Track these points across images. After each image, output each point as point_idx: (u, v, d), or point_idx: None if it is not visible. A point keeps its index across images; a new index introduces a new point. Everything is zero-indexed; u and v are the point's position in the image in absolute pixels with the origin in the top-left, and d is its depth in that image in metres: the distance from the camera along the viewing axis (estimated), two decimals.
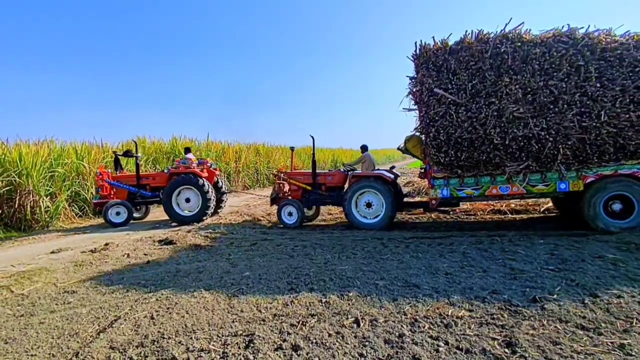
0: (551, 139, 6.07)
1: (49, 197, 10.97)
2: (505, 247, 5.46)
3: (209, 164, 10.51)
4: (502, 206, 9.03)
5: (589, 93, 5.88)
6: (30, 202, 10.59)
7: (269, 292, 4.10)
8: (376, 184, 7.75)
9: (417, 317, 3.14)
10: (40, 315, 3.80)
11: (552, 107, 6.04)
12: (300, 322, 3.20)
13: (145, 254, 6.28)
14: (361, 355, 2.65)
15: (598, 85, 5.84)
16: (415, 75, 6.83)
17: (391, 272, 4.48)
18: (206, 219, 9.82)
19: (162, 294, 4.21)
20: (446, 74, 6.48)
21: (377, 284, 4.06)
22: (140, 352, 2.88)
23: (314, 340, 2.86)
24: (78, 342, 3.16)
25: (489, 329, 2.96)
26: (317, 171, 8.99)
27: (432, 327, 2.99)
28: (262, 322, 3.30)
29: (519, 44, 6.09)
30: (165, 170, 10.54)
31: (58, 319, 3.65)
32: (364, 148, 9.14)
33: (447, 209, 8.28)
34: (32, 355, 2.96)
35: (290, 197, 9.06)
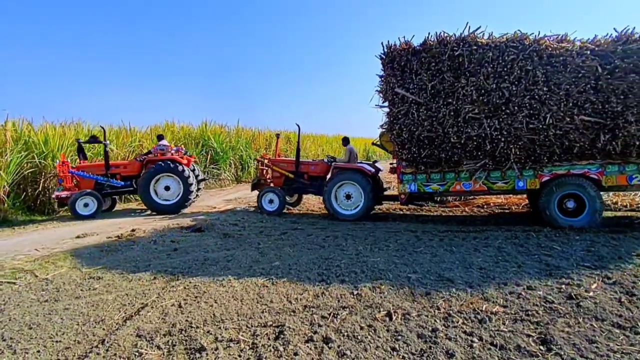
0: (503, 139, 6.35)
1: None
2: (541, 242, 5.35)
3: (183, 151, 10.16)
4: None
5: (537, 96, 6.13)
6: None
7: (299, 282, 3.99)
8: (356, 177, 7.99)
9: (451, 311, 3.02)
10: (64, 301, 3.84)
11: (504, 108, 6.31)
12: (332, 315, 3.07)
13: (172, 241, 6.30)
14: (394, 349, 2.51)
15: (545, 89, 6.09)
16: (383, 74, 7.13)
17: (424, 265, 4.31)
18: (188, 206, 9.67)
19: (190, 282, 4.19)
20: (409, 73, 6.78)
21: (410, 277, 3.89)
22: (168, 341, 2.83)
23: (346, 333, 2.73)
24: (104, 329, 3.15)
25: (523, 325, 2.88)
26: (300, 160, 9.26)
27: (465, 322, 2.89)
28: (292, 313, 3.19)
29: (475, 47, 6.34)
30: (138, 159, 10.09)
31: (83, 305, 3.67)
32: (346, 141, 9.28)
33: (421, 202, 8.43)
34: (57, 341, 2.96)
35: (272, 184, 9.34)
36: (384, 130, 7.55)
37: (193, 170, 10.03)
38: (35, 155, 10.19)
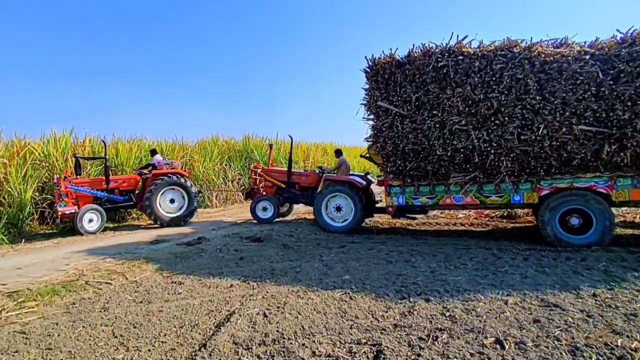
0: (493, 150, 6.20)
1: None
2: None
3: (176, 164, 10.45)
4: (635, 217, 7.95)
5: (530, 106, 5.91)
6: None
7: (379, 299, 3.95)
8: (347, 189, 8.14)
9: (577, 344, 2.74)
10: (156, 303, 4.06)
11: (493, 119, 6.16)
12: (430, 337, 2.99)
13: (236, 250, 6.51)
14: None
15: (539, 98, 5.84)
16: (367, 87, 7.25)
17: (517, 287, 4.07)
18: (190, 219, 9.96)
19: (267, 292, 4.28)
20: (393, 86, 6.84)
21: (505, 300, 3.70)
22: (266, 351, 2.89)
23: (455, 359, 2.64)
24: (199, 333, 3.28)
25: None
26: (292, 170, 9.69)
27: (600, 358, 2.59)
28: (383, 331, 3.15)
29: (461, 57, 6.25)
30: (135, 172, 10.39)
31: (174, 309, 3.86)
32: (339, 153, 9.57)
33: (414, 216, 8.45)
34: (162, 342, 3.13)
35: (264, 193, 9.73)
36: (370, 142, 7.60)
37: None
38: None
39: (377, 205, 8.90)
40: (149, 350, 3.00)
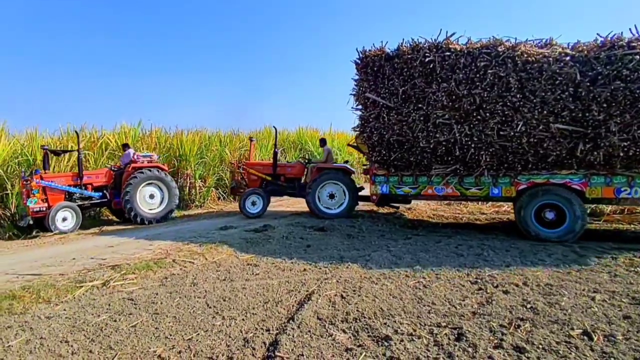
0: (473, 145, 6.61)
1: (200, 180, 13.12)
2: None
3: (155, 157, 9.93)
4: None
5: (510, 103, 6.26)
6: (189, 184, 12.87)
7: (454, 288, 4.13)
8: (340, 176, 8.81)
9: None
10: (238, 281, 4.55)
11: (475, 114, 6.54)
12: (511, 325, 3.15)
13: (301, 238, 6.93)
14: None
15: (519, 96, 6.18)
16: (357, 79, 7.65)
17: (604, 285, 4.05)
18: (171, 215, 9.74)
19: (340, 277, 4.62)
20: (382, 79, 7.25)
21: (592, 296, 3.72)
22: (350, 327, 3.22)
23: (540, 346, 2.79)
24: (284, 309, 3.69)
25: None
26: (277, 162, 9.93)
27: None
28: (461, 317, 3.35)
29: (448, 53, 6.63)
30: (109, 167, 9.98)
31: (256, 287, 4.32)
32: (324, 142, 10.14)
33: (397, 205, 9.07)
34: (252, 313, 3.58)
35: (249, 187, 9.88)
36: (357, 132, 8.04)
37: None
38: (174, 157, 12.55)
39: (359, 193, 9.26)
40: (243, 319, 3.45)
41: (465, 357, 2.69)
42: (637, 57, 5.60)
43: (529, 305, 3.55)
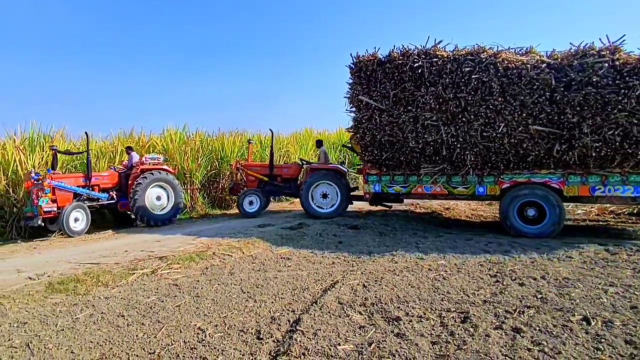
0: (459, 145, 7.27)
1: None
2: None
3: (161, 159, 10.18)
4: None
5: (493, 106, 6.86)
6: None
7: (472, 281, 4.49)
8: (332, 177, 9.42)
9: None
10: (271, 272, 5.17)
11: (460, 117, 7.17)
12: (516, 311, 3.49)
13: (334, 235, 7.46)
14: (597, 349, 2.79)
15: (501, 99, 6.79)
16: (351, 82, 8.30)
17: (624, 280, 4.24)
18: (175, 219, 9.96)
19: (365, 269, 5.11)
20: (374, 82, 7.88)
21: (606, 289, 3.95)
22: (366, 309, 3.72)
23: (537, 328, 3.13)
24: (309, 295, 4.24)
25: None
26: (274, 163, 10.61)
27: None
28: (472, 305, 3.73)
29: (435, 59, 7.25)
30: (113, 169, 10.16)
31: (286, 277, 4.91)
32: (320, 143, 10.87)
33: (389, 204, 9.70)
34: (280, 297, 4.16)
35: (246, 187, 10.47)
36: (351, 133, 8.76)
37: None
38: (216, 160, 13.55)
39: (353, 193, 9.83)
40: (272, 302, 4.04)
41: (465, 335, 3.10)
42: (606, 64, 6.21)
43: (539, 296, 3.85)
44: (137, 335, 3.42)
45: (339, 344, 3.03)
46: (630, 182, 6.44)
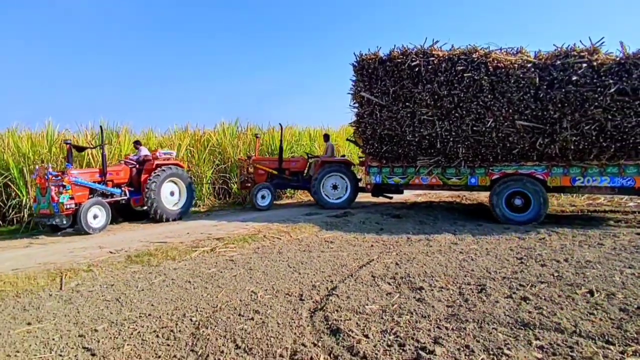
0: (452, 139, 8.07)
1: None
2: None
3: (173, 155, 10.28)
4: None
5: (483, 103, 7.63)
6: None
7: (498, 262, 5.03)
8: (343, 169, 10.38)
9: None
10: (315, 252, 5.99)
11: (454, 112, 7.95)
12: (529, 284, 4.05)
13: (377, 223, 8.17)
14: (591, 314, 3.32)
15: (490, 96, 7.56)
16: (354, 79, 9.08)
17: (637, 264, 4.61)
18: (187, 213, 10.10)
19: (400, 251, 5.80)
20: (375, 80, 8.67)
21: (622, 270, 4.36)
22: (395, 281, 4.43)
23: (543, 297, 3.69)
24: (347, 270, 5.01)
25: None
26: (282, 157, 11.38)
27: None
28: (491, 280, 4.32)
29: (432, 58, 8.01)
30: (123, 163, 9.93)
31: (328, 257, 5.71)
32: (327, 137, 11.87)
33: (389, 195, 10.49)
34: (321, 271, 4.97)
35: (255, 182, 11.13)
36: (354, 127, 9.55)
37: None
38: (266, 153, 14.56)
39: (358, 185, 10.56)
40: (314, 275, 4.86)
41: (477, 301, 3.72)
42: (585, 65, 6.92)
43: (556, 274, 4.36)
44: (202, 295, 4.36)
45: (367, 305, 3.78)
46: (607, 174, 7.22)
